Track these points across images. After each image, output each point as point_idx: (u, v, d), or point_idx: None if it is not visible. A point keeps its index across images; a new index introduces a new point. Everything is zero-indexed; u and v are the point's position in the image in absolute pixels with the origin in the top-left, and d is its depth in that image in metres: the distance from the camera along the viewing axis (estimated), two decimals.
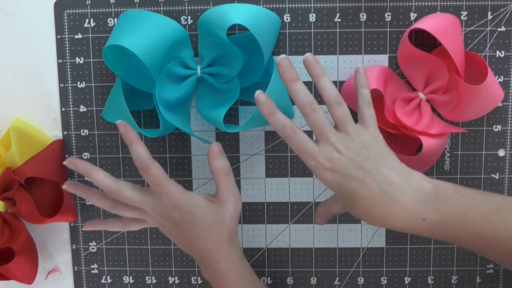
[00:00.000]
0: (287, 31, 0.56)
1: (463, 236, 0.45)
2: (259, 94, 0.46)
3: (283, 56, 0.47)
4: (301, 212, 0.59)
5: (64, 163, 0.51)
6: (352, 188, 0.45)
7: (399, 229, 0.45)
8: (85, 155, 0.59)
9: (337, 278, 0.60)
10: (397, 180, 0.44)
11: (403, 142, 0.57)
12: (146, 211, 0.51)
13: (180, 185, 0.50)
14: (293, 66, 0.47)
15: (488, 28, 0.55)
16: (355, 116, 0.57)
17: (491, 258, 0.48)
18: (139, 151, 0.48)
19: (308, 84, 0.56)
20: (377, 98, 0.55)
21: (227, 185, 0.50)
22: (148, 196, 0.50)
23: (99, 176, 0.50)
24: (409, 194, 0.44)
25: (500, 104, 0.56)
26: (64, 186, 0.52)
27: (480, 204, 0.46)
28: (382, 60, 0.56)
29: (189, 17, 0.56)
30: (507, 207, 0.46)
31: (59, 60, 0.57)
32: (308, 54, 0.47)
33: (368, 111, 0.48)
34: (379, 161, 0.45)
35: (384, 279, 0.60)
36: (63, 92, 0.58)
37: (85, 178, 0.59)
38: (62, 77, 0.58)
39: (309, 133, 0.49)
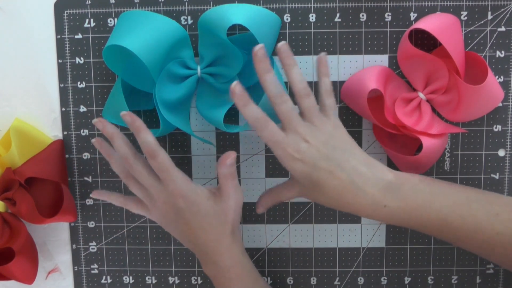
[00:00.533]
0: (287, 31, 0.56)
1: (429, 224, 0.47)
2: (236, 85, 0.47)
3: (260, 45, 0.47)
4: (301, 212, 0.59)
5: (94, 121, 0.52)
6: (321, 178, 0.47)
7: (364, 215, 0.48)
8: (85, 155, 0.59)
9: (337, 278, 0.60)
10: (364, 170, 0.47)
11: (403, 142, 0.57)
12: (152, 195, 0.51)
13: (186, 175, 0.51)
14: (267, 57, 0.47)
15: (488, 28, 0.55)
16: (354, 116, 0.57)
17: (466, 248, 0.49)
18: (148, 138, 0.49)
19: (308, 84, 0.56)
20: (377, 98, 0.55)
21: (231, 185, 0.51)
22: (157, 180, 0.51)
23: (122, 142, 0.51)
24: (373, 182, 0.47)
25: (500, 104, 0.56)
26: (93, 140, 0.53)
27: (448, 194, 0.47)
28: (382, 60, 0.56)
29: (189, 17, 0.56)
30: (478, 200, 0.47)
31: (59, 60, 0.57)
32: (283, 42, 0.48)
33: (329, 100, 0.50)
34: (347, 151, 0.48)
35: (384, 279, 0.60)
36: (63, 92, 0.58)
37: (85, 178, 0.59)
38: (62, 77, 0.58)
39: None
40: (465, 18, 0.55)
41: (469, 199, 0.47)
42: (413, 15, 0.55)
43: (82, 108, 0.58)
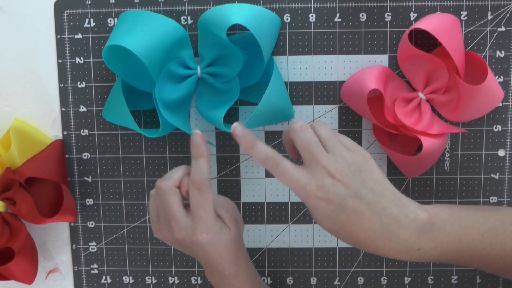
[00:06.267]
0: (287, 31, 0.56)
1: (460, 257, 0.46)
2: (236, 126, 0.43)
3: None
4: (301, 212, 0.59)
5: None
6: (349, 219, 0.43)
7: (393, 258, 0.44)
8: (85, 155, 0.59)
9: (337, 278, 0.60)
10: (396, 213, 0.43)
11: (403, 142, 0.57)
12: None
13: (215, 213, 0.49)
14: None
15: (488, 28, 0.55)
16: (354, 116, 0.57)
17: (490, 272, 0.48)
18: (204, 169, 0.46)
19: (308, 84, 0.56)
20: (377, 98, 0.55)
21: (219, 211, 0.49)
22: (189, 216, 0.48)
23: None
24: (406, 226, 0.43)
25: (500, 104, 0.56)
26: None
27: (476, 225, 0.46)
28: (382, 60, 0.56)
29: (189, 17, 0.56)
30: (503, 224, 0.46)
31: (59, 60, 0.57)
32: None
33: (334, 139, 0.44)
34: (377, 191, 0.43)
35: (384, 279, 0.60)
36: (63, 92, 0.58)
37: (85, 178, 0.59)
38: (62, 77, 0.58)
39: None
40: (465, 18, 0.55)
41: (495, 225, 0.46)
42: (413, 15, 0.55)
43: (82, 108, 0.58)
